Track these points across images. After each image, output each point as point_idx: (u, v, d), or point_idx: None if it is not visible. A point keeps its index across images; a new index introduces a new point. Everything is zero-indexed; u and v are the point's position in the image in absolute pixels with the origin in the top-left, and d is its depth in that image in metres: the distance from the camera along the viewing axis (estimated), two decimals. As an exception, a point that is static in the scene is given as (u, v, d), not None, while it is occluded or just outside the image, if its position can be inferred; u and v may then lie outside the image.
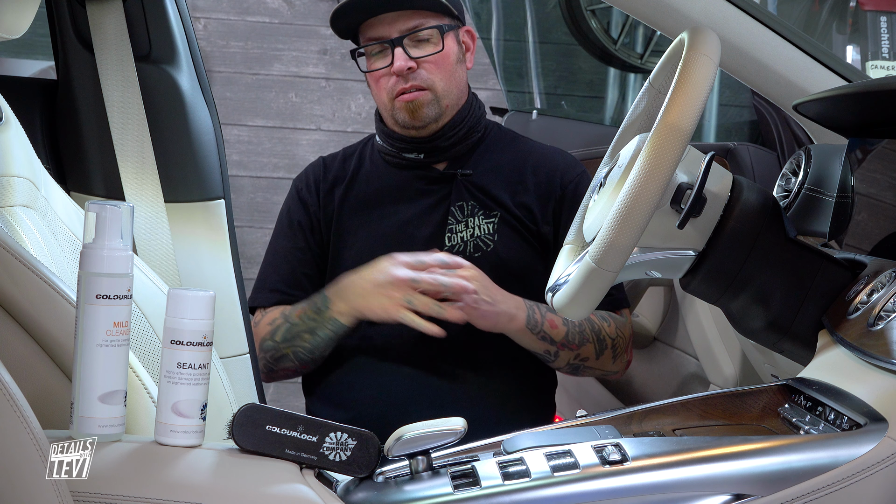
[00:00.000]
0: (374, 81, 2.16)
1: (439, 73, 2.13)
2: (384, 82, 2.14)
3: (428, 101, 2.13)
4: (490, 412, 2.08)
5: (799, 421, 1.31)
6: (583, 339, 2.12)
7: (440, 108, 2.14)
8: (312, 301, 2.13)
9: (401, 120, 2.15)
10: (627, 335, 2.20)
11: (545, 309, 2.10)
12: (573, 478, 1.16)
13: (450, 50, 2.14)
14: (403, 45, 2.11)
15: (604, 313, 2.18)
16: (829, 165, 1.70)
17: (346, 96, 4.18)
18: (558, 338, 2.10)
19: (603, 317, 2.17)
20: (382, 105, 2.17)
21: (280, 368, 2.17)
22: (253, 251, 3.98)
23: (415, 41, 2.12)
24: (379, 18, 2.12)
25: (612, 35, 4.14)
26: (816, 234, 1.67)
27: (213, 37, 4.12)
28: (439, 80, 2.13)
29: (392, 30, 2.11)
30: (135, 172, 1.92)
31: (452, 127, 2.17)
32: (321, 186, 2.24)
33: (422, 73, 2.12)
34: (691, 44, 1.38)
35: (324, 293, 2.13)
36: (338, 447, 1.17)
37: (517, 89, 4.37)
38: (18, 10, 1.34)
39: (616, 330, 2.17)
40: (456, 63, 2.16)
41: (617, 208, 1.33)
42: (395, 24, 2.11)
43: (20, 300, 1.25)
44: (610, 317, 2.18)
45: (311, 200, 2.23)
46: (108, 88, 1.93)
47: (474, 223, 2.16)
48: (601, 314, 2.17)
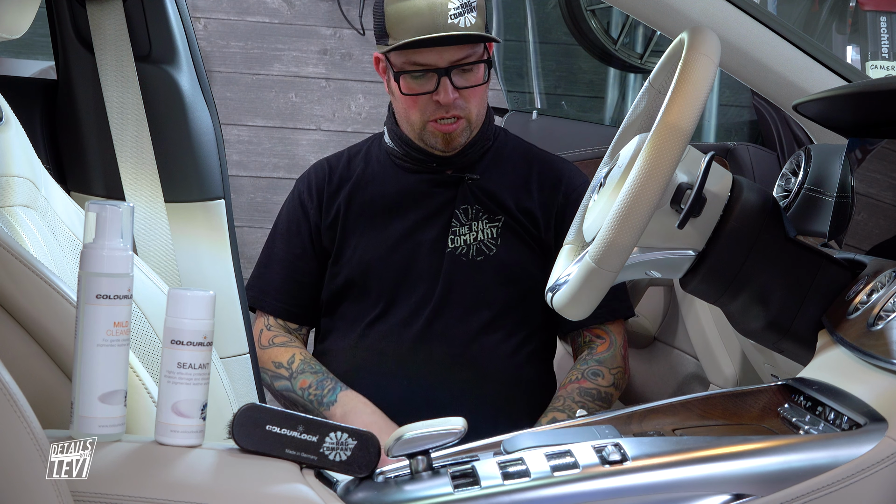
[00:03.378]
0: (410, 102, 2.13)
1: (476, 102, 2.13)
2: (422, 105, 2.11)
3: (462, 131, 2.13)
4: (488, 416, 2.08)
5: (799, 421, 1.31)
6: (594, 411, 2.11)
7: (470, 133, 2.15)
8: (321, 385, 2.14)
9: (431, 143, 2.15)
10: (620, 359, 2.18)
11: None
12: (573, 478, 1.16)
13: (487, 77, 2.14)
14: (451, 75, 2.09)
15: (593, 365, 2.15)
16: (829, 165, 1.70)
17: (346, 96, 4.18)
18: None
19: (595, 372, 2.14)
20: (411, 123, 2.15)
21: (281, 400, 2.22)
22: (253, 251, 3.97)
23: (461, 71, 2.09)
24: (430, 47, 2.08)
25: (612, 35, 4.14)
26: (816, 234, 1.67)
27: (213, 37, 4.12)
28: (475, 109, 2.13)
29: (441, 59, 2.08)
30: (135, 172, 1.92)
31: (472, 144, 2.18)
32: (325, 190, 2.24)
33: (461, 103, 2.11)
34: (691, 44, 1.38)
35: (336, 391, 2.13)
36: (338, 447, 1.17)
37: (517, 89, 4.37)
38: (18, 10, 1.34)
39: (611, 374, 2.15)
40: (486, 88, 2.17)
41: (617, 208, 1.33)
42: (445, 53, 2.07)
43: (20, 300, 1.25)
44: (598, 366, 2.14)
45: (312, 206, 2.23)
46: (108, 88, 1.93)
47: (478, 227, 2.16)
48: (591, 368, 2.14)
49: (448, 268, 2.14)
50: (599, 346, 2.18)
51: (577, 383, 2.13)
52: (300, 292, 2.24)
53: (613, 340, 2.19)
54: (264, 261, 2.27)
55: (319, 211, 2.23)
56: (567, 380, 2.15)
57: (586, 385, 2.13)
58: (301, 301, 2.24)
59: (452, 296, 2.14)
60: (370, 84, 4.13)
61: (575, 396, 2.11)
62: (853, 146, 1.65)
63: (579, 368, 2.15)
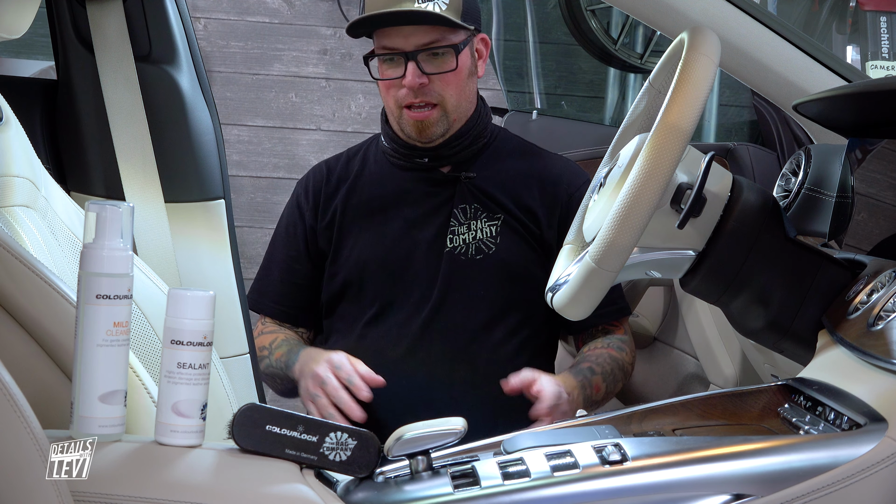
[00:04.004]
0: (385, 88, 2.15)
1: (450, 89, 2.12)
2: (394, 91, 2.13)
3: (436, 120, 2.12)
4: (488, 416, 2.08)
5: (799, 421, 1.31)
6: (615, 382, 2.15)
7: (448, 124, 2.14)
8: (290, 350, 2.18)
9: (407, 132, 2.15)
10: (632, 348, 2.23)
11: (589, 374, 2.11)
12: (573, 478, 1.16)
13: (463, 66, 2.12)
14: (417, 59, 2.09)
15: (617, 341, 2.19)
16: (829, 165, 1.70)
17: (346, 96, 4.18)
18: (601, 396, 2.13)
19: (620, 347, 2.18)
20: (390, 111, 2.17)
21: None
22: (253, 251, 3.98)
23: (429, 56, 2.10)
24: (396, 29, 2.10)
25: (612, 35, 4.14)
26: (816, 234, 1.67)
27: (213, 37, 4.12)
28: (450, 96, 2.12)
29: (407, 43, 2.09)
30: (135, 172, 1.92)
31: (458, 137, 2.17)
32: (322, 192, 2.24)
33: (433, 89, 2.11)
34: (691, 44, 1.38)
35: (298, 352, 2.16)
36: (338, 447, 1.17)
37: (517, 89, 4.38)
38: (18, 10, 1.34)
39: (630, 354, 2.20)
40: (468, 77, 2.15)
41: (617, 208, 1.33)
42: (411, 37, 2.09)
43: (20, 300, 1.25)
44: (621, 343, 2.20)
45: (308, 208, 2.24)
46: (108, 88, 1.93)
47: (477, 226, 2.16)
48: (616, 343, 2.19)
49: (447, 267, 2.14)
50: (616, 332, 2.23)
51: (607, 349, 2.16)
52: (297, 294, 2.25)
53: (627, 330, 2.24)
54: (265, 264, 2.30)
55: (315, 213, 2.23)
56: (594, 346, 2.18)
57: (615, 354, 2.16)
58: (298, 303, 2.25)
59: (452, 295, 2.14)
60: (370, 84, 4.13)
61: (608, 358, 2.14)
62: (853, 146, 1.65)
63: (603, 340, 2.18)
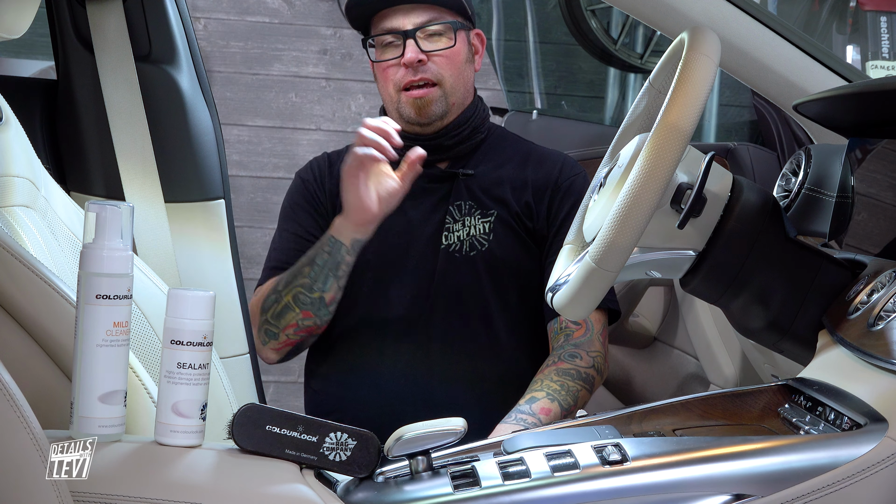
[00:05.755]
0: (382, 72, 2.16)
1: (449, 68, 2.14)
2: (392, 73, 2.14)
3: (436, 98, 2.13)
4: (486, 415, 2.08)
5: (799, 421, 1.31)
6: (575, 396, 2.05)
7: (447, 105, 2.14)
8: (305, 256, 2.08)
9: (406, 115, 2.15)
10: (599, 345, 2.11)
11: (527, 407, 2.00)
12: (573, 478, 1.16)
13: (461, 47, 2.15)
14: (416, 37, 2.11)
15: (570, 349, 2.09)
16: (829, 165, 1.70)
17: (346, 96, 4.18)
18: (559, 414, 2.03)
19: (572, 354, 2.07)
20: (388, 97, 2.17)
21: (283, 329, 2.09)
22: (253, 251, 3.98)
23: (427, 34, 2.13)
24: (394, 10, 2.13)
25: (612, 35, 4.14)
26: (816, 234, 1.67)
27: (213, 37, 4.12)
28: (448, 76, 2.14)
29: (406, 21, 2.12)
30: (135, 172, 1.93)
31: (457, 126, 2.17)
32: (326, 181, 2.24)
33: (431, 67, 2.13)
34: (691, 44, 1.38)
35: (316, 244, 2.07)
36: (338, 447, 1.17)
37: (517, 89, 4.37)
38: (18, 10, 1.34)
39: (589, 356, 2.09)
40: (465, 62, 2.17)
41: (617, 208, 1.33)
42: (410, 16, 2.12)
43: (20, 300, 1.26)
44: (574, 349, 2.08)
45: (318, 189, 2.22)
46: (108, 88, 1.93)
47: (470, 223, 2.16)
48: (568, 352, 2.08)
49: (442, 265, 2.14)
50: (576, 333, 2.12)
51: (554, 365, 2.06)
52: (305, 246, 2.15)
53: (590, 327, 2.13)
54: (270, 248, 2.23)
55: (325, 194, 2.21)
56: (544, 365, 2.09)
57: (563, 366, 2.06)
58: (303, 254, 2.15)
59: (447, 292, 2.14)
60: (370, 84, 4.13)
61: (553, 376, 2.04)
62: (853, 146, 1.65)
63: (556, 353, 2.10)
